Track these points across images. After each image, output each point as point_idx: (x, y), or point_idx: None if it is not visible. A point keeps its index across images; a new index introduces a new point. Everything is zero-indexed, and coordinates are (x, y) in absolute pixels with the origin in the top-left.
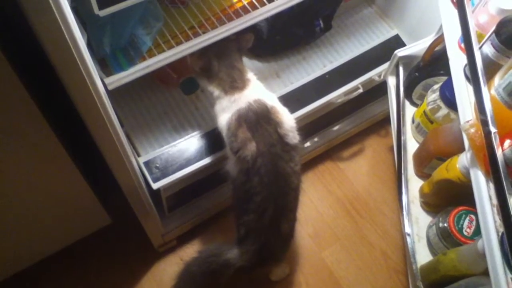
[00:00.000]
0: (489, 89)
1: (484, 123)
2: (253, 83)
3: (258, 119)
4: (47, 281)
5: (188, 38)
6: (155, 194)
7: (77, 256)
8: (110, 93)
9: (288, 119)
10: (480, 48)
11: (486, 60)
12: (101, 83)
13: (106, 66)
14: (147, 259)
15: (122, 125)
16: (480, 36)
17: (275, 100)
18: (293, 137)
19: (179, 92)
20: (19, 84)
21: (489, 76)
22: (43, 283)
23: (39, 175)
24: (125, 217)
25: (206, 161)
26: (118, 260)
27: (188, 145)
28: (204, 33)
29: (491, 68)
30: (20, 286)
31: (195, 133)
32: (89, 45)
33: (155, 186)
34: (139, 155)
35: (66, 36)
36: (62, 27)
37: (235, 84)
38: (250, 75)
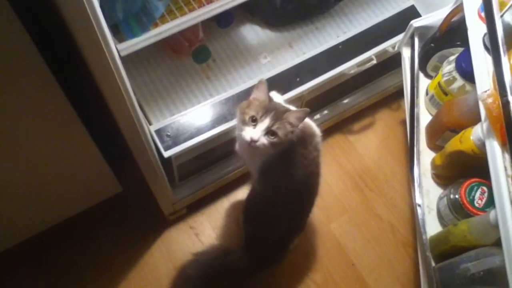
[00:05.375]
0: (509, 59)
1: (503, 93)
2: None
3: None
4: (57, 247)
5: (201, 5)
6: (167, 163)
7: (88, 223)
8: (122, 60)
9: (317, 129)
10: (501, 16)
11: (507, 29)
12: (114, 48)
13: (119, 33)
14: (158, 226)
15: (133, 94)
16: (502, 4)
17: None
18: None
19: (190, 61)
20: (35, 50)
21: (509, 46)
22: (53, 249)
23: (51, 141)
24: (136, 186)
25: (217, 130)
26: (128, 228)
27: (199, 114)
28: None
29: None
30: (30, 253)
31: (206, 102)
32: (102, 11)
33: (166, 154)
34: (150, 124)
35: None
36: None
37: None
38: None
